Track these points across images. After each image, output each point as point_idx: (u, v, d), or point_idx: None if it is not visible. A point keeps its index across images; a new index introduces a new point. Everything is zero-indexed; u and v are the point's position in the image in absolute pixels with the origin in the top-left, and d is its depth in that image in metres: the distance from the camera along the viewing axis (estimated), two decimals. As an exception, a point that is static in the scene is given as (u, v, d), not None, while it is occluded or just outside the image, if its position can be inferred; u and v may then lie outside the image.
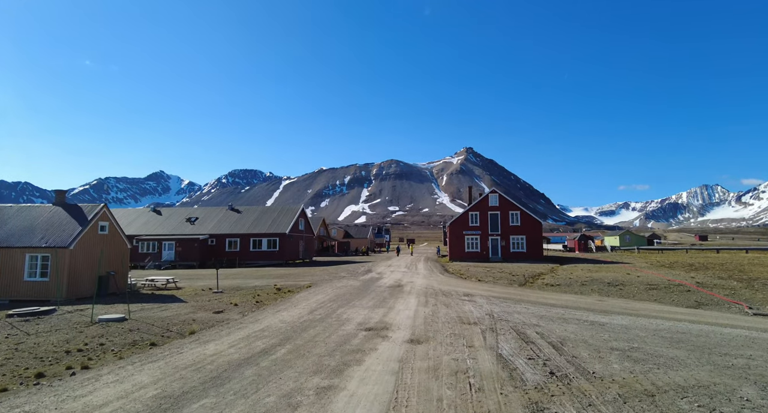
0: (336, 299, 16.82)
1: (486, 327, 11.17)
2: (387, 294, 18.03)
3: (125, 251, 22.59)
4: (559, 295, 17.78)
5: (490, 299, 16.32)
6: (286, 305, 15.42)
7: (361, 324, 11.76)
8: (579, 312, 13.47)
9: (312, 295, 18.24)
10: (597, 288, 19.69)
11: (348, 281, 24.11)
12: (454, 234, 44.33)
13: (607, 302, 15.64)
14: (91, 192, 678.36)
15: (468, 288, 20.04)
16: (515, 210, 43.29)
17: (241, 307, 15.51)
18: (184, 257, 42.77)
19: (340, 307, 14.70)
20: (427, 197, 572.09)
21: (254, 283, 24.73)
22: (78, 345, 9.92)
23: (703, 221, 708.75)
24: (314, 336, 10.29)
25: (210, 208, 52.73)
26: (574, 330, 10.88)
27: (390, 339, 9.96)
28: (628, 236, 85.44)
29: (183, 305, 16.19)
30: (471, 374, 7.39)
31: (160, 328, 11.79)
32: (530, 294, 17.90)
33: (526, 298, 16.61)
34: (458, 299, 16.29)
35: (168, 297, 19.23)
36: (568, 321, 11.99)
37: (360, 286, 21.32)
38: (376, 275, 27.47)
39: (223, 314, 14.06)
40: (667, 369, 7.61)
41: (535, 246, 42.56)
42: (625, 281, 21.72)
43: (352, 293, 18.40)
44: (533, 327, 11.16)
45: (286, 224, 45.79)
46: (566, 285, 21.02)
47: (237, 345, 9.61)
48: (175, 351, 9.23)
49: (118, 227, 22.03)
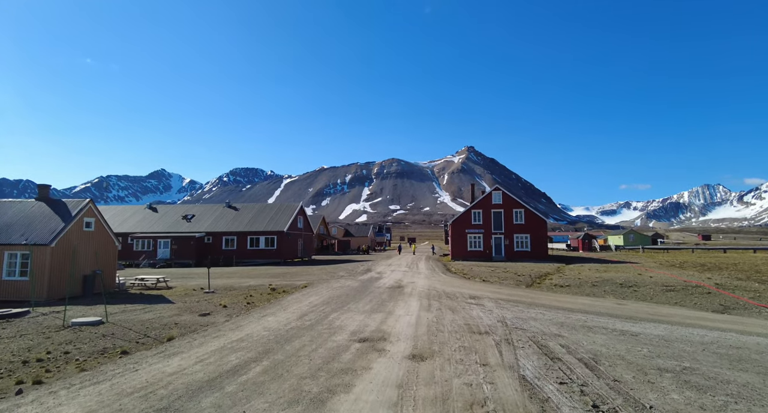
0: (330, 301, 15.64)
1: (500, 338, 9.80)
2: (386, 296, 16.82)
3: (113, 249, 21.53)
4: (573, 298, 16.57)
5: (499, 302, 15.10)
6: (275, 309, 14.20)
7: (355, 332, 10.39)
8: (602, 319, 12.15)
9: (306, 297, 17.11)
10: (610, 290, 18.56)
11: (346, 281, 23.01)
12: (457, 233, 43.21)
13: (628, 307, 14.37)
14: (93, 190, 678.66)
15: (473, 290, 18.87)
16: (519, 208, 42.16)
17: (230, 309, 14.44)
18: (180, 256, 41.72)
19: (333, 311, 13.46)
20: (428, 196, 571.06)
21: (249, 282, 23.68)
22: (40, 353, 8.85)
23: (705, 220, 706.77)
24: (298, 350, 8.86)
25: (207, 205, 51.67)
26: (604, 341, 9.48)
27: (388, 354, 8.52)
28: (632, 236, 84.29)
29: (169, 307, 15.12)
30: (491, 407, 5.87)
31: (137, 333, 10.71)
32: (542, 297, 16.69)
33: (538, 301, 15.36)
34: (464, 303, 15.01)
35: (156, 298, 18.18)
36: (593, 330, 10.62)
37: (358, 287, 20.18)
38: (376, 275, 26.39)
39: (209, 317, 12.98)
40: (749, 403, 5.98)
41: (540, 245, 41.43)
42: (638, 282, 20.60)
43: (348, 295, 17.24)
44: (555, 338, 9.77)
45: (284, 222, 44.71)
46: (576, 286, 19.91)
47: (206, 360, 8.18)
48: (131, 367, 7.84)
49: (105, 224, 20.96)
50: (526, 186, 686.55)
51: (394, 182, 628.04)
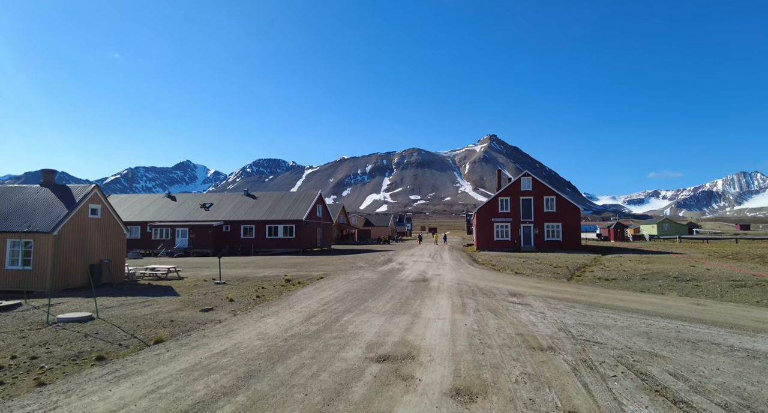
0: (345, 297, 13.86)
1: (574, 359, 7.07)
2: (410, 292, 14.84)
3: (121, 237, 20.48)
4: (636, 296, 14.04)
5: (548, 301, 12.80)
6: (281, 306, 12.44)
7: (373, 346, 7.99)
8: (696, 327, 9.22)
9: (319, 291, 15.48)
10: (666, 284, 16.23)
11: (365, 272, 21.36)
12: (482, 221, 41.00)
13: (712, 308, 11.56)
14: (122, 181, 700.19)
15: (511, 285, 16.67)
16: (550, 195, 39.55)
17: (236, 303, 13.00)
18: (198, 245, 41.03)
19: (348, 311, 11.49)
20: (449, 186, 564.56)
21: (264, 273, 22.38)
22: (4, 358, 7.51)
23: (740, 209, 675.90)
24: (292, 374, 6.42)
25: (225, 194, 50.90)
26: (733, 370, 6.49)
27: (419, 387, 5.89)
28: (667, 225, 79.94)
29: (171, 300, 13.81)
30: None
31: (125, 332, 9.31)
32: (596, 294, 14.28)
33: (596, 301, 12.83)
34: (505, 302, 12.70)
35: (163, 289, 17.00)
36: (699, 347, 7.72)
37: (378, 280, 18.40)
38: (397, 266, 24.68)
39: (210, 312, 11.54)
40: None
41: (572, 235, 38.82)
42: (695, 276, 18.17)
43: (366, 290, 15.40)
44: (654, 360, 6.94)
45: (303, 211, 43.45)
46: (624, 280, 17.66)
47: (161, 389, 5.90)
48: (58, 399, 5.61)
49: (112, 212, 19.88)
50: (550, 175, 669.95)
51: (415, 171, 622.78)
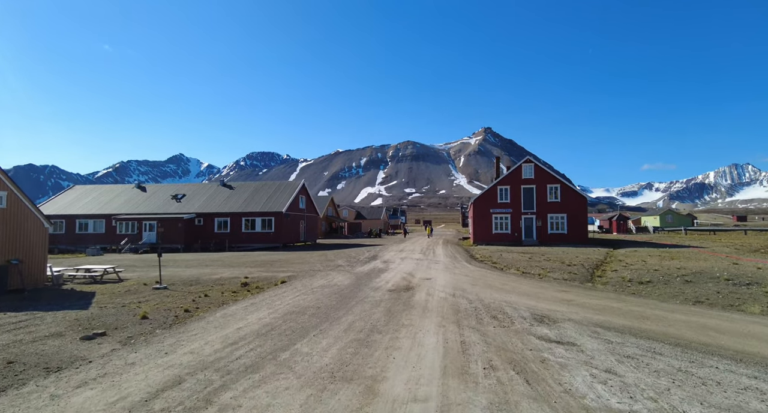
0: (293, 316, 9.68)
1: None
2: (381, 314, 9.72)
3: (41, 232, 16.68)
4: (716, 313, 9.77)
5: (600, 334, 7.81)
6: (187, 335, 8.27)
7: None
8: None
9: (265, 303, 11.59)
10: (727, 292, 12.39)
11: (336, 275, 17.43)
12: (479, 213, 37.43)
13: None
14: (114, 175, 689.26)
15: (525, 295, 12.04)
16: (554, 183, 36.01)
17: (148, 323, 9.34)
18: (167, 240, 37.12)
19: (279, 350, 7.04)
20: (444, 179, 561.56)
21: (223, 273, 18.71)
22: None
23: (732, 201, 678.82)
24: None
25: (200, 183, 46.92)
26: None
27: None
28: (670, 216, 77.00)
29: (65, 317, 10.10)
30: None
31: None
32: (659, 314, 9.43)
33: (674, 330, 8.01)
34: (531, 336, 7.69)
35: (79, 297, 13.30)
36: None
37: (346, 287, 14.08)
38: (380, 266, 21.02)
39: (93, 342, 7.87)
40: None
41: (579, 227, 35.37)
42: (754, 278, 14.44)
43: (320, 308, 10.55)
44: None
45: (283, 202, 39.64)
46: (662, 283, 14.08)
47: None
48: None
49: (25, 200, 16.06)
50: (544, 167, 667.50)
51: (410, 165, 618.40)
